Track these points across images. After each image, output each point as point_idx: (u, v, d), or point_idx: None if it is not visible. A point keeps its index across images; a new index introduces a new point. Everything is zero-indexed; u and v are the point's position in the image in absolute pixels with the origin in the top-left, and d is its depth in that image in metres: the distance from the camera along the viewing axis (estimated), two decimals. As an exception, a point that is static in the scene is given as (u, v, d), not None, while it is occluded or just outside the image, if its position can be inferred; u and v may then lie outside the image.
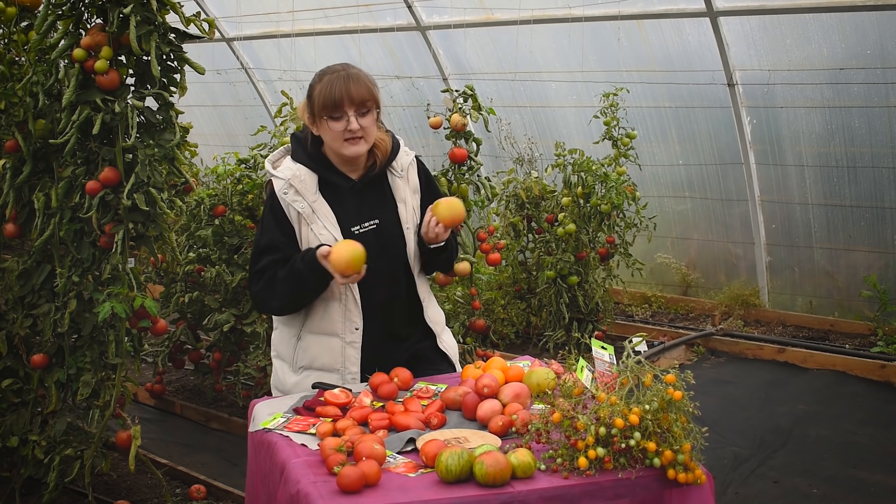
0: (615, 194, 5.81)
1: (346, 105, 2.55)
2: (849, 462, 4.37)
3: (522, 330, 6.53)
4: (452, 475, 1.92)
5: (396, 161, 2.73)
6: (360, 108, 2.57)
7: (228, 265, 4.95)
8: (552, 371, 2.44)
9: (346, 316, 2.64)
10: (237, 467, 4.41)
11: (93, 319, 3.46)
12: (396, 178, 2.73)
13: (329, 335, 2.66)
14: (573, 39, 6.92)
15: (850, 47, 6.00)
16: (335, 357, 2.66)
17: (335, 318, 2.64)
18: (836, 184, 6.50)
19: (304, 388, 2.67)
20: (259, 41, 8.98)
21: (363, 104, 2.57)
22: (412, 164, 2.77)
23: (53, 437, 3.55)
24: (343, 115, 2.56)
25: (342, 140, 2.59)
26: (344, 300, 2.64)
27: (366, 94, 2.57)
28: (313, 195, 2.63)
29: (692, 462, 1.97)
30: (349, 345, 2.65)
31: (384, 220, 2.69)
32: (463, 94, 5.06)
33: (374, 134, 2.63)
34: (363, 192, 2.69)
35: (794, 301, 6.98)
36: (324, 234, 2.60)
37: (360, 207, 2.67)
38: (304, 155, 2.68)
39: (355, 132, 2.57)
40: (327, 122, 2.58)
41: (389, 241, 2.69)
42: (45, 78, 3.30)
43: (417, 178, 2.78)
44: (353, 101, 2.55)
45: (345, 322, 2.64)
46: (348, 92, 2.55)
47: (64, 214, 3.37)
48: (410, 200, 2.73)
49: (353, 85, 2.56)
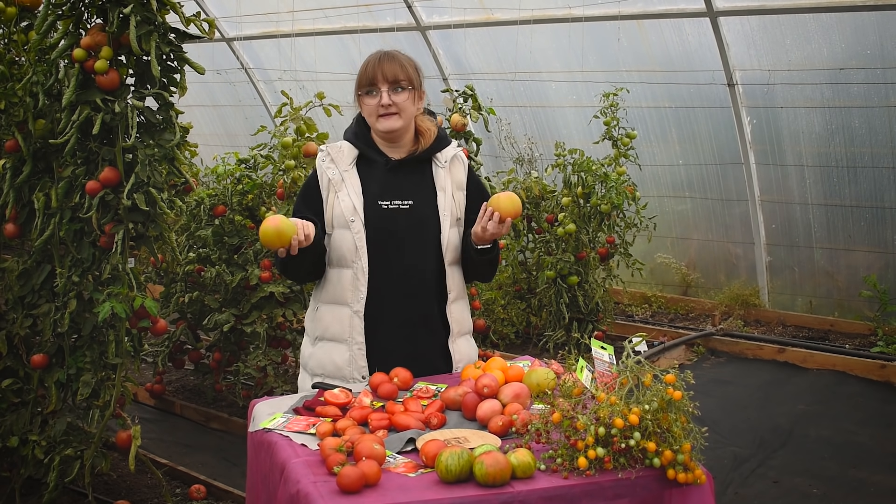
0: (615, 194, 5.81)
1: (380, 81, 2.65)
2: (849, 462, 4.37)
3: (522, 330, 6.53)
4: (452, 475, 1.92)
5: (441, 152, 2.79)
6: (394, 85, 2.65)
7: (228, 265, 4.95)
8: (552, 371, 2.44)
9: (354, 285, 2.68)
10: (237, 467, 4.41)
11: (93, 319, 3.46)
12: (439, 168, 2.78)
13: (339, 304, 2.70)
14: (573, 39, 6.93)
15: (850, 47, 6.00)
16: (343, 326, 2.69)
17: (346, 286, 2.69)
18: (836, 184, 6.50)
19: (318, 362, 2.73)
20: (259, 41, 8.98)
21: (396, 81, 2.65)
22: (457, 158, 2.82)
23: (53, 437, 3.55)
24: (377, 91, 2.66)
25: (376, 115, 2.68)
26: (355, 269, 2.67)
27: (399, 72, 2.65)
28: (347, 165, 2.73)
29: (692, 462, 1.97)
30: (355, 314, 2.68)
31: (419, 202, 2.73)
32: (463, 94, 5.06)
33: (410, 111, 2.70)
34: (399, 171, 2.74)
35: (794, 301, 6.98)
36: (346, 201, 2.67)
37: (394, 185, 2.72)
38: (350, 133, 2.80)
39: (388, 107, 2.65)
40: (364, 98, 2.69)
41: (422, 223, 2.72)
42: (45, 78, 3.30)
43: (464, 176, 2.82)
44: (387, 78, 2.65)
45: (354, 291, 2.68)
46: (381, 68, 2.65)
47: (64, 214, 3.37)
48: (450, 190, 2.77)
49: (386, 63, 2.66)
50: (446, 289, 2.76)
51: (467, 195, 2.82)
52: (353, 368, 2.68)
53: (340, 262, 2.70)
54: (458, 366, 2.78)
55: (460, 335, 2.82)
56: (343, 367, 2.69)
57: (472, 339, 2.91)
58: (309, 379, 2.77)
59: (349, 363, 2.68)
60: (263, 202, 4.96)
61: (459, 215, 2.79)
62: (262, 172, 5.06)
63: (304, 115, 4.79)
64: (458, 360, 2.79)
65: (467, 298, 2.89)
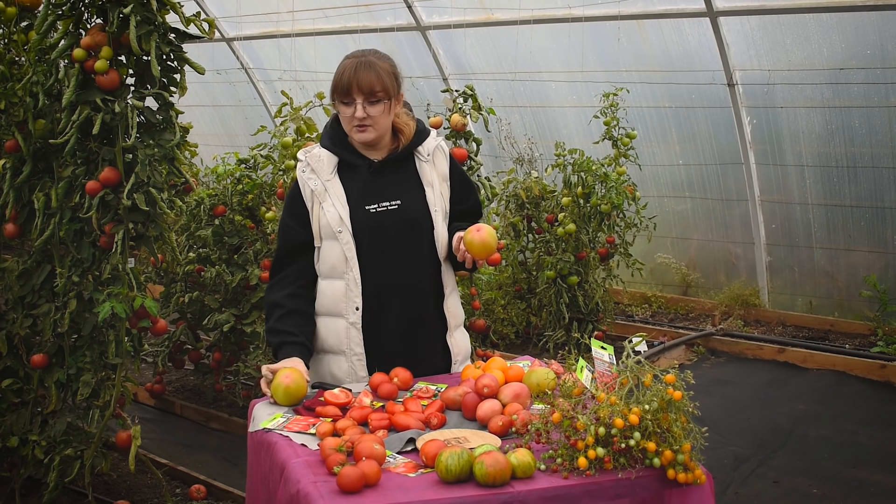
0: (615, 194, 5.81)
1: (355, 92, 2.55)
2: (849, 462, 4.37)
3: (522, 330, 6.53)
4: (452, 475, 1.92)
5: (422, 146, 2.72)
6: (370, 97, 2.56)
7: (228, 265, 4.95)
8: (552, 371, 2.44)
9: (347, 296, 2.63)
10: (237, 467, 4.41)
11: (93, 319, 3.46)
12: (423, 163, 2.71)
13: (334, 316, 2.66)
14: (573, 39, 6.92)
15: (850, 47, 6.00)
16: (340, 338, 2.65)
17: (339, 297, 2.64)
18: (836, 184, 6.50)
19: (317, 374, 2.71)
20: (259, 41, 8.98)
21: (372, 93, 2.56)
22: (439, 149, 2.74)
23: (53, 437, 3.55)
24: (352, 102, 2.57)
25: (350, 126, 2.61)
26: (347, 280, 2.63)
27: (375, 84, 2.55)
28: (328, 175, 2.65)
29: (692, 462, 1.97)
30: (352, 325, 2.64)
31: (407, 201, 2.67)
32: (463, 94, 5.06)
33: (384, 124, 2.62)
34: (382, 172, 2.68)
35: (794, 301, 6.98)
36: (331, 211, 2.61)
37: (379, 188, 2.66)
38: (327, 139, 2.71)
39: (361, 120, 2.57)
40: (338, 105, 2.62)
41: (413, 222, 2.66)
42: (45, 78, 3.30)
43: (447, 167, 2.75)
44: (362, 90, 2.55)
45: (347, 302, 2.64)
46: (357, 79, 2.54)
47: (64, 214, 3.37)
48: (438, 185, 2.71)
49: (363, 73, 2.55)
50: (442, 285, 2.73)
51: (451, 185, 2.76)
52: (353, 379, 2.67)
53: (332, 274, 2.65)
54: (457, 359, 2.78)
55: (456, 328, 2.81)
56: (343, 379, 2.68)
57: (465, 330, 2.89)
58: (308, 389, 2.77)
59: (349, 374, 2.67)
60: (263, 202, 4.96)
61: (446, 206, 2.74)
62: (262, 172, 5.06)
63: (304, 115, 4.78)
64: (457, 353, 2.78)
65: (458, 290, 2.87)
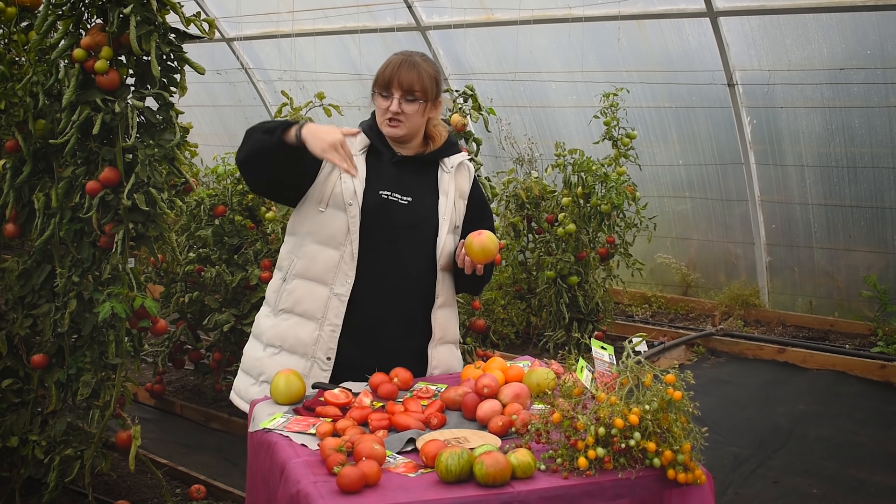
0: (615, 194, 5.81)
1: (394, 86, 2.64)
2: (849, 462, 4.37)
3: (522, 330, 6.53)
4: (452, 475, 1.92)
5: (449, 158, 2.79)
6: (407, 94, 2.64)
7: (228, 265, 4.95)
8: (552, 371, 2.44)
9: (340, 267, 2.65)
10: (237, 467, 4.41)
11: (93, 319, 3.46)
12: (444, 173, 2.78)
13: (316, 282, 2.67)
14: (573, 39, 6.92)
15: (850, 47, 6.00)
16: (318, 305, 2.66)
17: (327, 266, 2.66)
18: (836, 184, 6.50)
19: (278, 334, 2.69)
20: (259, 41, 8.98)
21: (410, 91, 2.64)
22: (464, 165, 2.83)
23: (53, 437, 3.55)
24: (389, 95, 2.65)
25: (383, 118, 2.68)
26: (343, 252, 2.65)
27: (415, 83, 2.64)
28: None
29: (692, 462, 1.97)
30: (336, 296, 2.65)
31: (419, 202, 2.73)
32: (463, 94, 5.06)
33: (416, 123, 2.69)
34: (403, 167, 2.74)
35: (794, 301, 6.98)
36: (348, 183, 2.66)
37: (396, 179, 2.72)
38: (365, 125, 2.79)
39: (394, 114, 2.65)
40: (377, 97, 2.69)
41: (418, 222, 2.71)
42: (45, 78, 3.30)
43: (468, 186, 2.82)
44: (401, 86, 2.63)
45: (337, 273, 2.65)
46: (399, 75, 2.64)
47: (64, 214, 3.37)
48: (453, 196, 2.77)
49: (405, 70, 2.64)
50: (434, 293, 2.74)
51: (468, 205, 2.82)
52: (320, 348, 2.65)
53: (327, 242, 2.67)
54: (435, 372, 2.76)
55: (443, 342, 2.79)
56: (308, 345, 2.66)
57: (457, 351, 2.87)
58: (261, 348, 2.74)
59: (316, 342, 2.66)
60: (263, 202, 4.96)
61: (458, 223, 2.79)
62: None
63: (304, 116, 4.78)
64: (436, 366, 2.76)
65: (456, 308, 2.86)
